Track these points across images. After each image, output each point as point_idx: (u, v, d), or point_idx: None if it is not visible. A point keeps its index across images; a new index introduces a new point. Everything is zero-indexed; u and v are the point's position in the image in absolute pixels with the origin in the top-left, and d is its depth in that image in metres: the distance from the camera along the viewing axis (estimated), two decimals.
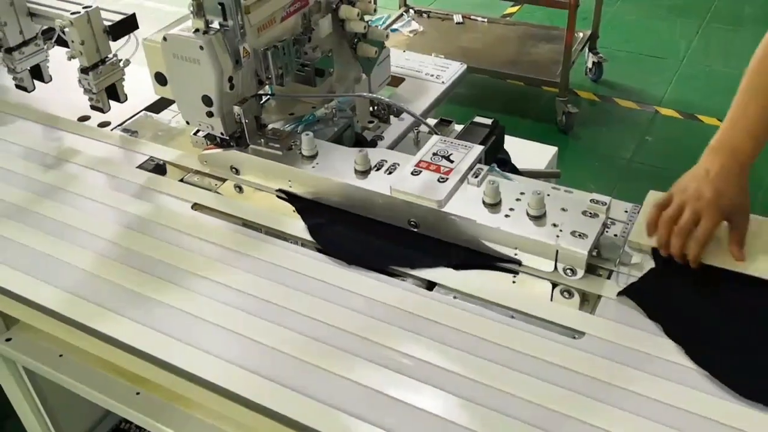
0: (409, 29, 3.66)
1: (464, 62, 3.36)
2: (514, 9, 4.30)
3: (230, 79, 1.31)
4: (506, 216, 1.17)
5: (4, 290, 1.23)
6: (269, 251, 1.25)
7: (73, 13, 1.44)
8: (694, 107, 3.44)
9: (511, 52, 3.50)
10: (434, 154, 1.30)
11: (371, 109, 1.67)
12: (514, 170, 1.48)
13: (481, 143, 1.37)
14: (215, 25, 1.28)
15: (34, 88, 1.64)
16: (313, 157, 1.34)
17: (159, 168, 1.50)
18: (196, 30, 1.27)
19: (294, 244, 1.28)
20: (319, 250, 1.26)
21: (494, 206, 1.19)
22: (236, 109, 1.34)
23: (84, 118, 1.63)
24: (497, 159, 1.43)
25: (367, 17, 1.54)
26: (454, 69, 1.91)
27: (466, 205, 1.20)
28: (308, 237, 1.27)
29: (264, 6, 1.34)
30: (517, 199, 1.21)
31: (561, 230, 1.14)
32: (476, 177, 1.25)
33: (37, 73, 1.65)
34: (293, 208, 1.34)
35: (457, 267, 1.18)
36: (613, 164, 3.16)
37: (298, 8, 1.43)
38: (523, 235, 1.14)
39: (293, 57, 1.41)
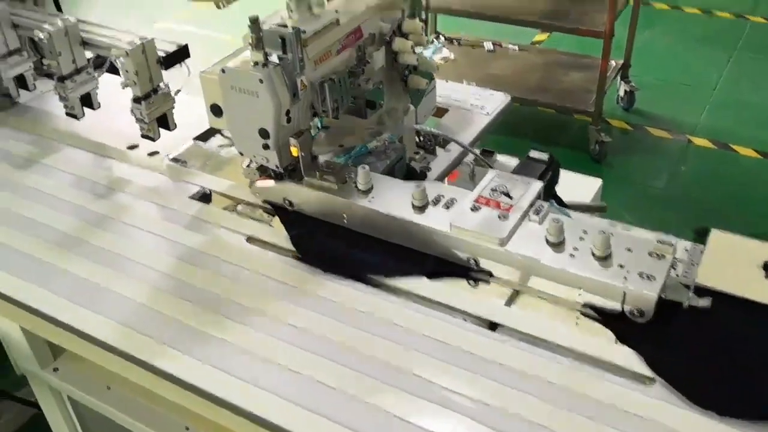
0: (440, 56, 3.66)
1: (496, 89, 3.37)
2: (543, 36, 4.30)
3: (287, 112, 1.30)
4: (571, 256, 1.15)
5: (52, 319, 1.23)
6: (325, 286, 1.23)
7: (128, 44, 1.45)
8: (727, 137, 3.41)
9: (543, 80, 3.50)
10: (493, 189, 1.28)
11: (417, 140, 1.66)
12: (561, 203, 1.46)
13: (538, 178, 1.35)
14: (274, 58, 1.27)
15: (84, 116, 1.65)
16: (368, 190, 1.32)
17: (204, 196, 1.50)
18: (255, 63, 1.27)
19: (350, 279, 1.26)
20: (300, 259, 1.30)
21: (558, 245, 1.17)
22: (292, 141, 1.33)
23: (133, 147, 1.63)
24: (553, 194, 1.42)
25: (418, 49, 1.54)
26: (498, 100, 1.90)
27: (529, 244, 1.18)
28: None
29: (321, 39, 1.34)
30: (581, 238, 1.18)
31: (628, 272, 1.11)
32: (537, 214, 1.23)
33: (87, 100, 1.66)
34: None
35: (430, 275, 1.23)
36: (647, 194, 3.13)
37: (353, 41, 1.43)
38: (589, 276, 1.12)
39: (348, 89, 1.40)
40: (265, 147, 1.33)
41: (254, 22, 1.24)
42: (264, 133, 1.31)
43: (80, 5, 4.97)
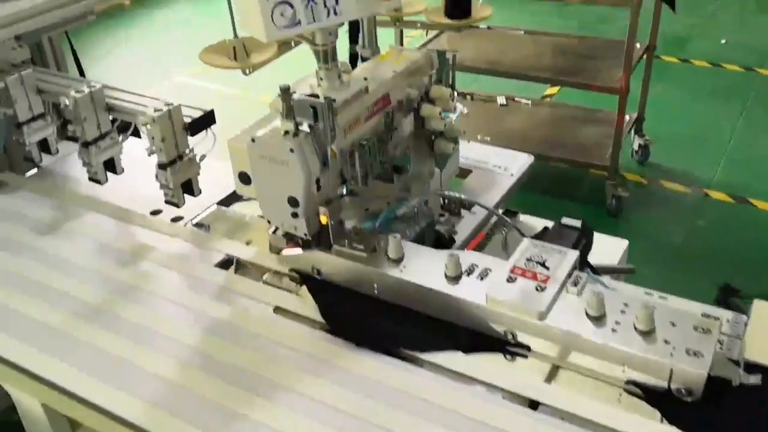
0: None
1: (511, 144, 3.36)
2: (554, 89, 4.32)
3: (317, 181, 1.28)
4: (613, 330, 1.11)
5: (73, 395, 1.19)
6: (356, 360, 1.19)
7: (155, 110, 1.44)
8: (745, 190, 3.39)
9: (557, 134, 3.50)
10: (528, 259, 1.25)
11: (442, 202, 1.64)
12: (589, 266, 1.43)
13: (572, 247, 1.32)
14: (304, 127, 1.26)
15: (107, 181, 1.63)
16: (399, 259, 1.30)
17: (230, 261, 1.47)
18: (286, 132, 1.26)
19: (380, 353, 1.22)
20: (329, 331, 1.26)
21: (599, 319, 1.14)
22: (322, 210, 1.31)
23: (156, 212, 1.61)
24: (587, 262, 1.38)
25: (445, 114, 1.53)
26: (522, 160, 1.89)
27: (568, 317, 1.15)
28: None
29: (351, 107, 1.33)
30: (622, 311, 1.15)
31: (674, 348, 1.07)
32: (575, 285, 1.19)
33: (110, 164, 1.65)
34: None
35: (465, 349, 1.20)
36: (665, 249, 3.09)
37: (381, 107, 1.42)
38: (633, 352, 1.08)
39: (377, 156, 1.39)
40: (294, 215, 1.31)
41: (285, 92, 1.23)
42: (293, 202, 1.29)
43: (99, 61, 5.05)
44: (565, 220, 1.42)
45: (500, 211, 1.78)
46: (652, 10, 3.21)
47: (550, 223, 1.77)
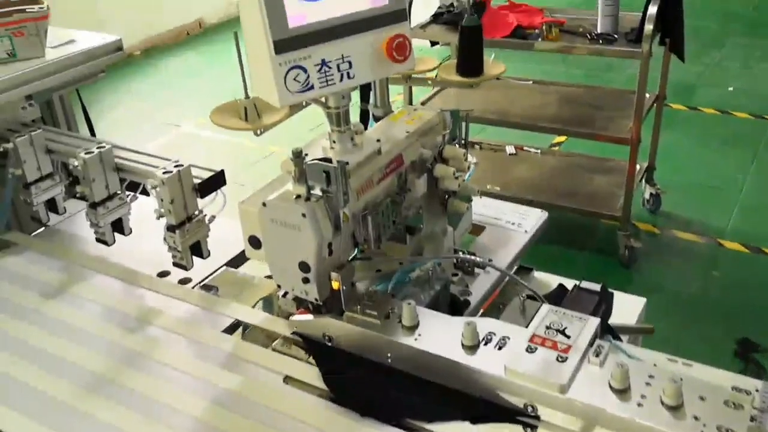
0: None
1: (521, 194, 3.34)
2: (562, 138, 4.31)
3: (329, 245, 1.25)
4: (639, 405, 1.06)
5: None
6: None
7: (165, 173, 1.42)
8: (760, 240, 3.34)
9: (567, 184, 3.47)
10: (547, 327, 1.21)
11: (455, 261, 1.61)
12: (608, 328, 1.39)
13: (592, 312, 1.28)
14: (317, 191, 1.24)
15: (115, 242, 1.61)
16: (414, 327, 1.25)
17: (238, 325, 1.44)
18: (298, 196, 1.23)
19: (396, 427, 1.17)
20: (334, 400, 1.22)
21: (623, 392, 1.09)
22: (334, 275, 1.27)
23: (164, 274, 1.58)
24: (607, 326, 1.34)
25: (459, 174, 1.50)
26: (535, 217, 1.85)
27: (592, 390, 1.10)
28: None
29: (364, 169, 1.31)
30: (647, 383, 1.10)
31: (705, 425, 1.02)
32: (597, 355, 1.15)
33: (118, 225, 1.62)
34: None
35: (474, 420, 1.15)
36: (681, 301, 3.03)
37: (395, 168, 1.39)
38: (662, 429, 1.03)
39: (390, 219, 1.36)
40: (305, 281, 1.27)
41: (297, 156, 1.21)
42: (304, 267, 1.26)
43: (109, 110, 5.09)
44: (584, 284, 1.39)
45: (515, 268, 1.74)
46: (659, 58, 3.21)
47: (565, 280, 1.74)
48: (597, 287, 1.37)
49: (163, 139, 4.79)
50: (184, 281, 1.56)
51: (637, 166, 3.34)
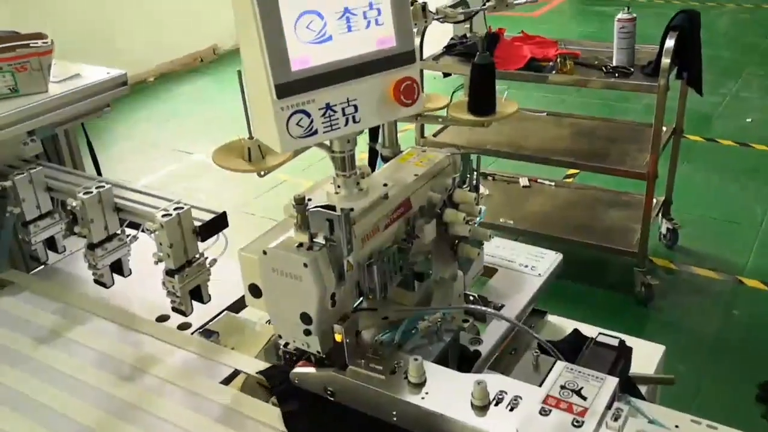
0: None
1: (535, 228, 3.27)
2: (575, 170, 4.24)
3: (332, 296, 1.19)
4: None
5: None
6: None
7: (164, 215, 1.37)
8: None
9: (582, 218, 3.40)
10: (562, 386, 1.14)
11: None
12: (628, 380, 1.32)
13: (610, 370, 1.21)
14: (320, 239, 1.18)
15: (113, 284, 1.56)
16: (421, 384, 1.19)
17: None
18: (300, 245, 1.18)
19: None
20: None
21: None
22: (337, 328, 1.21)
23: (163, 318, 1.53)
24: (626, 382, 1.27)
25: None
26: (549, 259, 1.79)
27: None
28: None
29: (370, 215, 1.25)
30: None
31: None
32: (616, 420, 1.08)
33: (117, 266, 1.57)
34: None
35: None
36: (699, 340, 2.94)
37: (402, 213, 1.34)
38: None
39: (397, 267, 1.30)
40: (307, 333, 1.21)
41: (300, 203, 1.16)
42: (306, 319, 1.20)
43: (120, 138, 5.08)
44: (601, 338, 1.31)
45: (529, 310, 1.68)
46: (676, 88, 3.15)
47: (580, 325, 1.67)
48: (615, 341, 1.30)
49: (175, 167, 4.77)
50: (183, 326, 1.51)
51: (653, 200, 3.26)
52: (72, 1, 5.69)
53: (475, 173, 1.43)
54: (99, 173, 1.97)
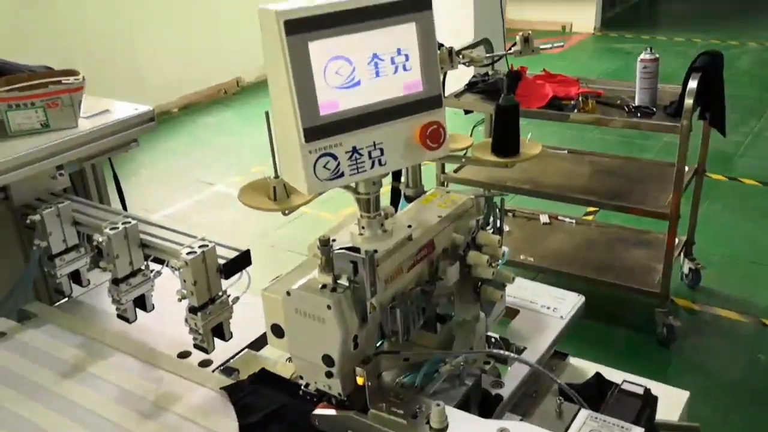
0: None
1: (556, 266, 3.24)
2: (594, 208, 4.22)
3: (355, 338, 1.19)
4: None
5: None
6: None
7: (189, 253, 1.38)
8: None
9: (603, 257, 3.37)
10: None
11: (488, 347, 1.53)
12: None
13: (635, 420, 1.19)
14: (343, 280, 1.18)
15: (136, 319, 1.57)
16: (443, 430, 1.17)
17: None
18: (323, 286, 1.18)
19: None
20: None
21: None
22: (359, 370, 1.21)
23: (184, 354, 1.53)
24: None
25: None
26: (571, 301, 1.78)
27: None
28: None
29: (393, 256, 1.25)
30: None
31: None
32: None
33: (141, 301, 1.58)
34: None
35: None
36: (724, 385, 2.88)
37: (425, 255, 1.34)
38: None
39: (420, 309, 1.30)
40: (329, 375, 1.21)
41: (324, 244, 1.17)
42: (328, 361, 1.20)
43: (143, 168, 5.15)
44: (626, 386, 1.30)
45: (550, 353, 1.66)
46: (698, 128, 3.13)
47: (602, 368, 1.64)
48: (640, 389, 1.28)
49: (197, 198, 4.81)
50: (204, 363, 1.51)
51: (676, 240, 3.24)
52: (102, 33, 5.82)
53: (499, 216, 1.43)
54: (124, 207, 2.00)
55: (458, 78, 3.27)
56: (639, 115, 2.91)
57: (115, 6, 5.96)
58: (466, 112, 3.40)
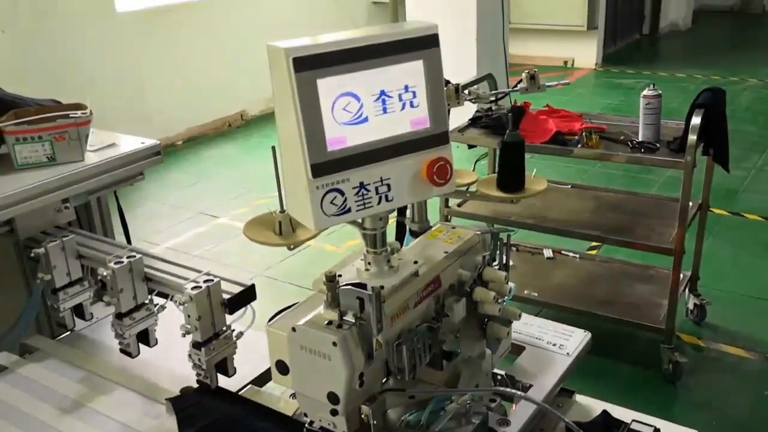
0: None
1: (559, 300, 3.22)
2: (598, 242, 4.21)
3: (361, 375, 1.18)
4: None
5: None
6: None
7: (194, 287, 1.37)
8: None
9: (607, 292, 3.36)
10: None
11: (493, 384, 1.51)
12: None
13: None
14: (349, 317, 1.17)
15: (139, 353, 1.55)
16: None
17: None
18: (329, 322, 1.17)
19: None
20: None
21: None
22: (365, 409, 1.19)
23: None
24: None
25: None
26: (577, 338, 1.76)
27: None
28: None
29: (400, 293, 1.24)
30: None
31: None
32: None
33: (144, 335, 1.57)
34: None
35: None
36: (732, 422, 2.85)
37: (432, 291, 1.33)
38: None
39: (426, 344, 1.28)
40: (333, 413, 1.19)
41: (331, 280, 1.16)
42: (333, 398, 1.18)
43: (146, 200, 5.16)
44: (635, 425, 1.28)
45: (557, 391, 1.64)
46: (701, 164, 3.14)
47: (609, 406, 1.62)
48: (649, 429, 1.26)
49: (200, 230, 4.81)
50: None
51: (680, 275, 3.22)
52: (110, 67, 5.89)
53: (506, 252, 1.43)
54: (128, 240, 1.99)
55: (460, 112, 3.28)
56: (643, 150, 2.93)
57: (123, 40, 6.04)
58: (470, 146, 3.41)
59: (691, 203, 3.03)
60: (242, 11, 6.98)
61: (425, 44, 1.18)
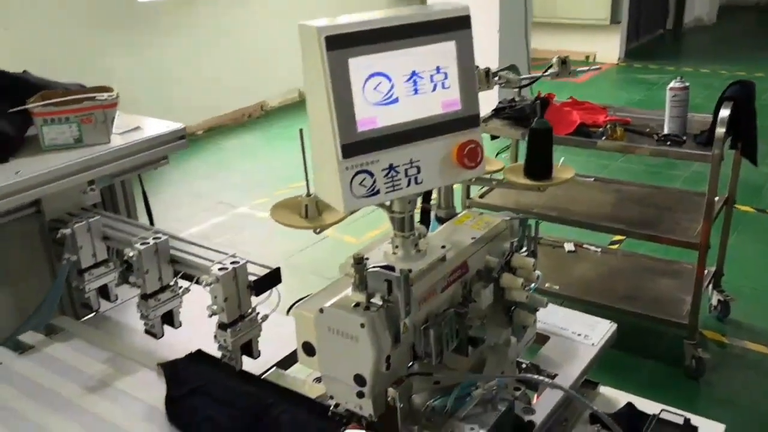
0: None
1: (582, 295, 3.19)
2: (621, 236, 4.17)
3: (388, 358, 1.17)
4: None
5: None
6: None
7: (220, 269, 1.37)
8: None
9: (629, 286, 3.32)
10: None
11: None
12: None
13: None
14: (377, 299, 1.16)
15: (163, 334, 1.56)
16: None
17: None
18: (357, 304, 1.16)
19: None
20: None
21: None
22: (391, 391, 1.19)
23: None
24: None
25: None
26: (603, 328, 1.75)
27: None
28: None
29: (427, 277, 1.23)
30: None
31: None
32: None
33: (168, 316, 1.57)
34: None
35: None
36: (754, 420, 2.81)
37: (459, 276, 1.32)
38: None
39: (453, 330, 1.27)
40: (360, 395, 1.19)
41: (359, 262, 1.15)
42: (360, 380, 1.17)
43: (167, 187, 5.19)
44: (665, 416, 1.26)
45: (581, 381, 1.62)
46: (728, 157, 3.10)
47: (633, 398, 1.60)
48: (679, 419, 1.24)
49: (220, 219, 4.83)
50: None
51: (705, 271, 3.18)
52: (134, 56, 5.92)
53: (534, 239, 1.41)
54: (152, 223, 2.00)
55: (483, 103, 3.26)
56: (668, 143, 2.89)
57: (147, 30, 6.07)
58: (493, 137, 3.39)
59: (717, 198, 2.99)
60: (264, 2, 6.98)
61: (457, 25, 1.17)
